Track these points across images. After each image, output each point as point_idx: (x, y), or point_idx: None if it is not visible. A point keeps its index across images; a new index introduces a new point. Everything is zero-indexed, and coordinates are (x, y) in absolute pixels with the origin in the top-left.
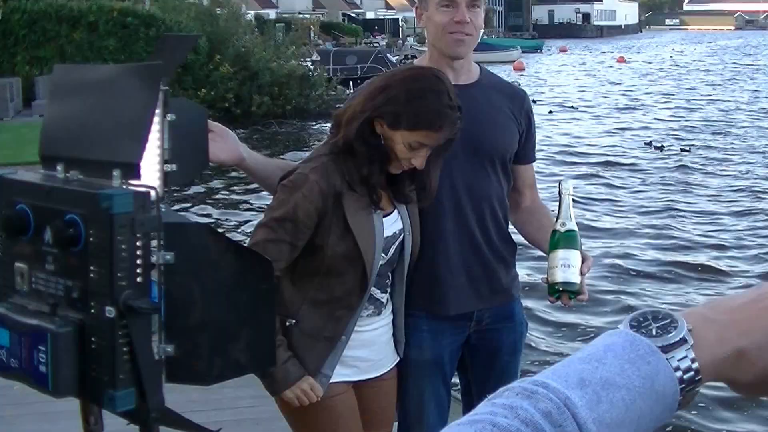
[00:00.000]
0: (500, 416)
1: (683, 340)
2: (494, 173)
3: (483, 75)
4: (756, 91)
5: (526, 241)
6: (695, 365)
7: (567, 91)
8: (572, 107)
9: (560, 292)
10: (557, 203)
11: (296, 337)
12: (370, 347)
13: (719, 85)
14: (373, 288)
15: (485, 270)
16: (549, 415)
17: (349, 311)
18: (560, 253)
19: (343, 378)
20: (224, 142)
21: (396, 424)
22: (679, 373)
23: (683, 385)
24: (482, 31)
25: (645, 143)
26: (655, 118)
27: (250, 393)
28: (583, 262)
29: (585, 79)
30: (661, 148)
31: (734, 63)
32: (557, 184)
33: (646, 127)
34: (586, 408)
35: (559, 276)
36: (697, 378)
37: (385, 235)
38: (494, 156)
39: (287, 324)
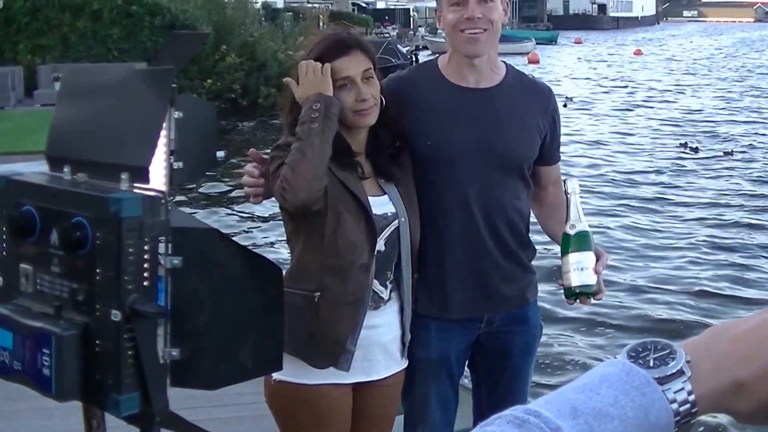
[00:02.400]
0: None
1: (680, 372)
2: (510, 179)
3: (508, 75)
4: None
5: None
6: (692, 397)
7: (582, 85)
8: (585, 101)
9: (577, 295)
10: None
11: (324, 308)
12: (368, 348)
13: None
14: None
15: (498, 275)
16: None
17: (366, 274)
18: (574, 257)
19: (335, 380)
20: None
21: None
22: (674, 405)
23: (678, 417)
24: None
25: (680, 144)
26: (681, 116)
27: (252, 389)
28: (598, 259)
29: (601, 72)
30: (696, 150)
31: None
32: (562, 184)
33: (674, 125)
34: None
35: (575, 280)
36: (693, 410)
37: (374, 212)
38: (509, 164)
39: (315, 299)
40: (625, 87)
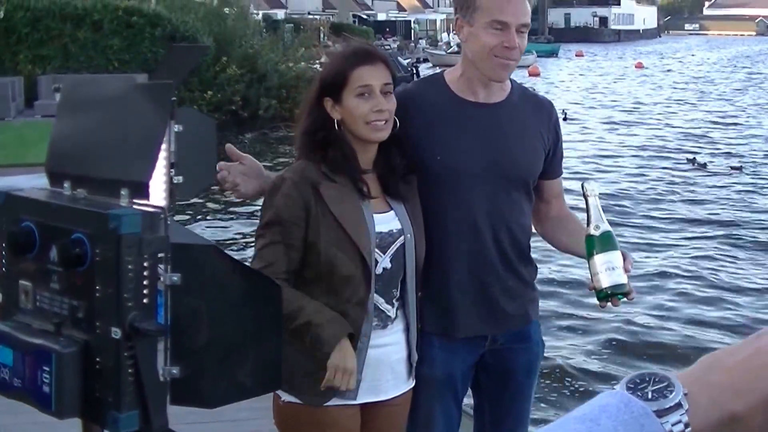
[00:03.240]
0: None
1: (678, 405)
2: (516, 195)
3: (513, 90)
4: None
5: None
6: (688, 430)
7: (582, 99)
8: (585, 115)
9: (609, 296)
10: (584, 206)
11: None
12: (376, 367)
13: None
14: (377, 296)
15: (502, 293)
16: None
17: (362, 309)
18: (601, 258)
19: (343, 401)
20: (254, 179)
21: None
22: None
23: None
24: None
25: (687, 159)
26: (685, 130)
27: (249, 405)
28: (624, 260)
29: (602, 86)
30: (704, 165)
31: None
32: (580, 186)
33: (678, 139)
34: None
35: (606, 280)
36: None
37: (378, 230)
38: (516, 179)
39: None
40: (626, 100)
